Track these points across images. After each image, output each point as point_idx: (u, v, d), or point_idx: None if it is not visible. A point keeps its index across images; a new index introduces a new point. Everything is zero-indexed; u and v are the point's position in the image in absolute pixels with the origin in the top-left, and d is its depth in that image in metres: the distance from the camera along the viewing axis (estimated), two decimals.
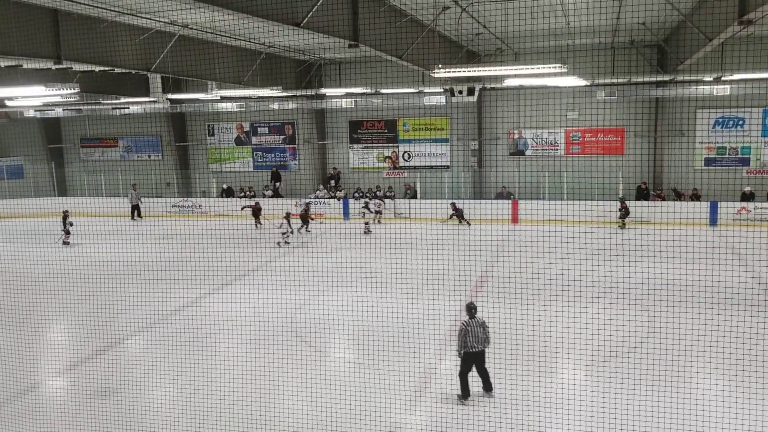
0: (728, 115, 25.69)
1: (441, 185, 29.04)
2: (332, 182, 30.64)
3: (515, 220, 26.24)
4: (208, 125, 33.08)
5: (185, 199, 31.67)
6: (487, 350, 10.23)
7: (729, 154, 25.93)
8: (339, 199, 28.99)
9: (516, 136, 28.34)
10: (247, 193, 31.47)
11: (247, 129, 32.64)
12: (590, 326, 13.24)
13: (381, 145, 30.60)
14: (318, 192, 30.29)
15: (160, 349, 13.10)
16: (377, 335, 12.92)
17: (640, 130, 26.60)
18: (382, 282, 17.61)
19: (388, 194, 28.92)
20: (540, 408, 9.80)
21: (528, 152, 28.28)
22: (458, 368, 10.19)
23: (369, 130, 30.66)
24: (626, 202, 24.27)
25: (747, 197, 24.82)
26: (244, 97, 29.02)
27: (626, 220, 24.10)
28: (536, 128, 27.87)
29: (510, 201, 26.72)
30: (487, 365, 10.26)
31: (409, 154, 30.16)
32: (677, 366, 10.77)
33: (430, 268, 17.94)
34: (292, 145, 32.08)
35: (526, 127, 27.94)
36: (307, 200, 27.40)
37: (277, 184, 31.46)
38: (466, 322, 10.07)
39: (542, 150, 28.07)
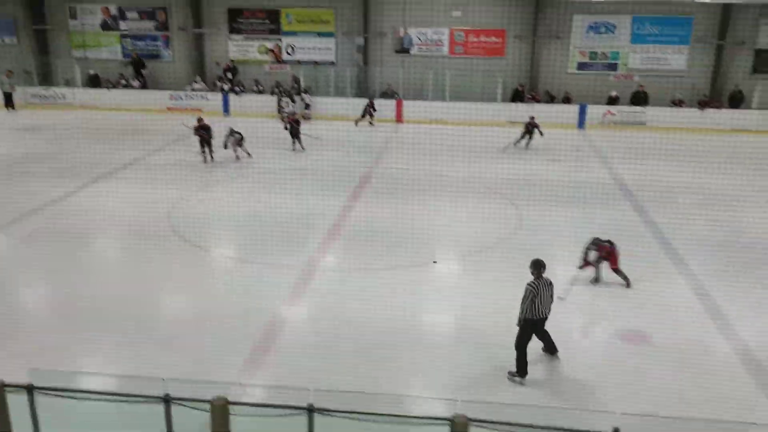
0: (600, 20, 26.76)
1: (327, 81, 28.53)
2: (229, 74, 28.98)
3: (400, 119, 26.48)
4: (70, 7, 30.05)
5: (46, 88, 29.13)
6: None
7: (599, 59, 27.23)
8: (237, 93, 27.57)
9: (402, 34, 28.09)
10: (117, 84, 29.36)
11: (115, 13, 30.02)
12: (466, 221, 13.98)
13: (263, 36, 29.30)
14: (195, 84, 28.81)
15: (32, 245, 12.42)
16: (260, 231, 12.95)
17: (519, 32, 27.18)
18: (268, 179, 17.46)
19: (294, 90, 27.94)
20: (419, 293, 10.37)
21: (413, 51, 28.22)
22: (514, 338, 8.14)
23: (250, 20, 29.17)
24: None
25: (613, 101, 26.41)
26: None
27: None
28: (422, 26, 27.72)
29: (395, 100, 26.82)
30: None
31: (292, 47, 29.17)
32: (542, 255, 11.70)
33: (316, 167, 17.97)
34: (165, 33, 29.97)
35: (412, 24, 27.71)
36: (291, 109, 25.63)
37: (142, 71, 29.43)
38: (534, 283, 8.05)
39: (427, 48, 28.08)
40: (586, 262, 10.68)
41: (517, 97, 26.67)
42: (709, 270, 11.39)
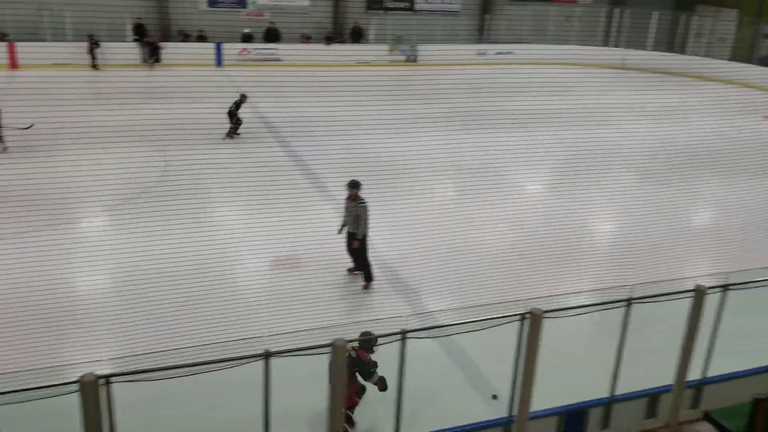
0: None
1: None
2: None
3: (14, 65, 23.18)
4: None
5: None
6: None
7: None
8: None
9: None
10: None
11: None
12: (110, 171, 13.16)
13: None
14: None
15: None
16: None
17: None
18: None
19: None
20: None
21: None
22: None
23: None
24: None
25: (247, 38, 26.94)
26: None
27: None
28: None
29: (6, 43, 23.30)
30: None
31: None
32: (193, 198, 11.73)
33: None
34: None
35: None
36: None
37: None
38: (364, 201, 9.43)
39: None
40: None
41: (139, 32, 25.11)
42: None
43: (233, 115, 16.64)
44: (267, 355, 4.88)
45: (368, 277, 9.52)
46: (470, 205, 12.79)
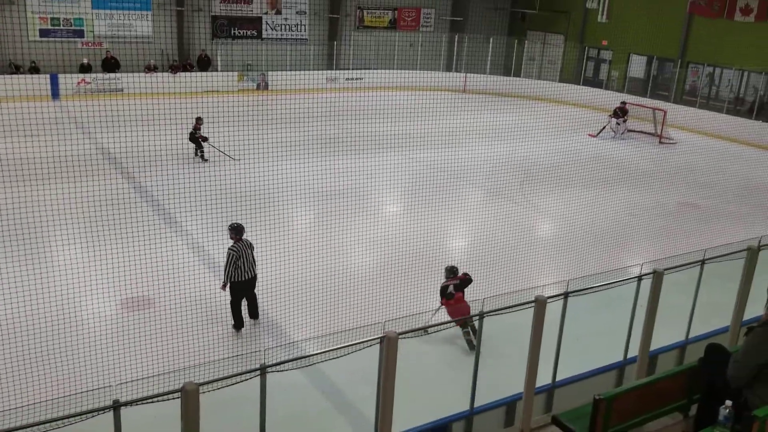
0: None
1: None
2: None
3: None
4: None
5: None
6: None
7: (64, 26, 25.78)
8: None
9: None
10: None
11: None
12: None
13: None
14: None
15: None
16: None
17: None
18: None
19: None
20: None
21: None
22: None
23: None
24: None
25: (85, 69, 25.46)
26: None
27: None
28: None
29: None
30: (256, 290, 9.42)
31: None
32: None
33: None
34: None
35: None
36: None
37: None
38: (235, 246, 8.96)
39: None
40: None
41: None
42: (203, 224, 12.33)
43: (194, 138, 17.47)
44: (115, 407, 4.60)
45: (235, 325, 9.20)
46: (332, 229, 12.89)
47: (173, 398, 4.66)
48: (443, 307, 9.39)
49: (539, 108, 26.29)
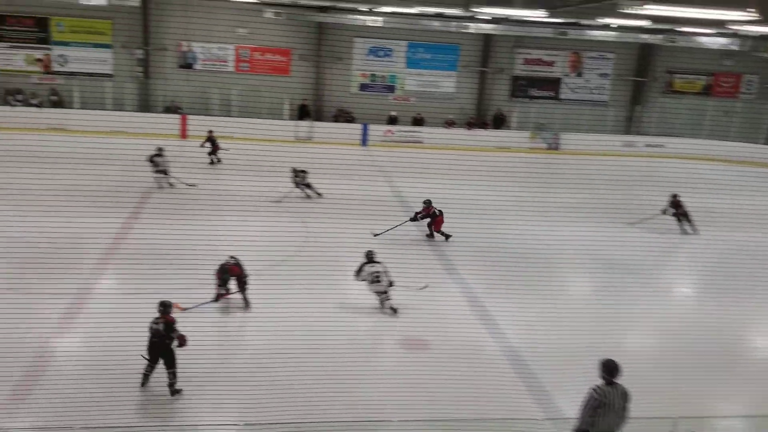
0: (379, 45, 28.35)
1: (102, 95, 26.62)
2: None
3: (184, 135, 25.59)
4: None
5: None
6: None
7: (378, 81, 28.81)
8: None
9: (185, 49, 27.24)
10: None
11: None
12: (256, 237, 13.87)
13: (30, 46, 26.57)
14: None
15: None
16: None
17: (304, 52, 27.79)
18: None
19: None
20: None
21: (197, 66, 27.49)
22: None
23: (16, 27, 26.31)
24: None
25: (392, 120, 28.05)
26: None
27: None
28: (206, 42, 27.14)
29: (179, 116, 25.89)
30: None
31: (65, 58, 26.82)
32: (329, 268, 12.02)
33: (83, 184, 16.59)
34: None
35: (196, 39, 27.00)
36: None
37: None
38: (599, 389, 6.45)
39: (212, 64, 27.55)
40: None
41: (303, 113, 27.19)
42: (480, 277, 12.52)
43: (154, 162, 18.31)
44: None
45: None
46: (611, 302, 12.08)
47: None
48: None
49: None
